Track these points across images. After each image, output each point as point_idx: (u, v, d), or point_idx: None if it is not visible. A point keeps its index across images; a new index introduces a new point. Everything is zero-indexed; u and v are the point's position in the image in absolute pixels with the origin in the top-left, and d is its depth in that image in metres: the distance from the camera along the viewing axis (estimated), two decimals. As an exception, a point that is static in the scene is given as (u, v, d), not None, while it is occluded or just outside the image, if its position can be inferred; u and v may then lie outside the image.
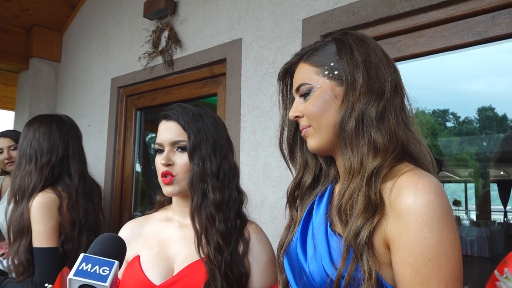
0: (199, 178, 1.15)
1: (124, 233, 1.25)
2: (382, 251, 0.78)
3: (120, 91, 3.09)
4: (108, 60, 3.22)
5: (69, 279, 0.73)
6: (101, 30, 3.34)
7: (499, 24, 1.49)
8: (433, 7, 1.61)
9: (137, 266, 1.14)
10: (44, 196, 1.79)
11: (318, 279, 0.80)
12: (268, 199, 2.04)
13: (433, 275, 0.72)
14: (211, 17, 2.45)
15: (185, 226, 1.21)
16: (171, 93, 2.72)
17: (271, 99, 2.07)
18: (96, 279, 0.73)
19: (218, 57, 2.36)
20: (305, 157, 1.01)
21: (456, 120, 3.27)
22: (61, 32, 3.73)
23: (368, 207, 0.78)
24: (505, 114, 3.05)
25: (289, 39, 2.03)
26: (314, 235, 0.87)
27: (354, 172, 0.82)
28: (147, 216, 1.30)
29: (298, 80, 0.94)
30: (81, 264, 0.75)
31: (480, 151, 3.45)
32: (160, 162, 1.17)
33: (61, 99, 3.66)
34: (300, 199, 1.01)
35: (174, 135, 1.18)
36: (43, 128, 1.91)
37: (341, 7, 1.84)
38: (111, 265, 0.76)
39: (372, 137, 0.82)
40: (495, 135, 3.37)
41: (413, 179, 0.77)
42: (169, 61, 2.61)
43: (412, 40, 1.70)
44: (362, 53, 0.89)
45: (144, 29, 2.79)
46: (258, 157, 2.11)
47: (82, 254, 0.78)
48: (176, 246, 1.17)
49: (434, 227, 0.73)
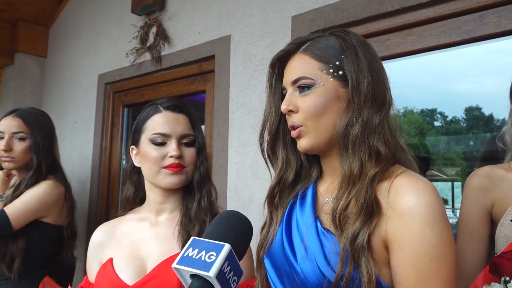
0: (207, 175, 1.18)
1: (96, 236, 1.22)
2: (380, 251, 0.78)
3: (107, 87, 3.04)
4: (96, 56, 3.17)
5: (173, 267, 0.63)
6: (88, 25, 3.29)
7: (487, 24, 1.50)
8: (422, 6, 1.61)
9: (109, 268, 1.11)
10: None
11: (313, 279, 0.78)
12: (256, 197, 2.02)
13: (435, 274, 0.73)
14: (200, 14, 2.42)
15: (157, 224, 1.18)
16: (159, 89, 2.69)
17: (260, 97, 2.06)
18: (199, 267, 0.61)
19: (206, 54, 2.34)
20: (287, 152, 0.97)
21: (444, 120, 3.30)
22: (48, 27, 3.66)
23: (366, 210, 0.77)
24: (492, 114, 3.10)
25: (278, 36, 2.01)
26: (301, 234, 0.85)
27: (354, 176, 0.81)
28: (120, 218, 1.26)
29: (298, 72, 0.89)
30: (187, 250, 0.64)
31: (467, 150, 3.48)
32: (169, 154, 1.13)
33: (47, 95, 3.60)
34: (280, 197, 0.97)
35: (184, 128, 1.15)
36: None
37: (331, 4, 1.83)
38: (219, 249, 0.62)
39: (374, 144, 0.82)
40: (482, 134, 3.41)
41: (411, 180, 0.78)
42: (157, 57, 2.58)
43: (401, 39, 1.70)
44: (366, 57, 0.87)
45: (132, 25, 2.75)
46: (246, 155, 2.09)
47: (192, 237, 0.68)
48: (149, 245, 1.14)
49: (436, 227, 0.73)
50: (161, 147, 1.14)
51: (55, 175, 1.99)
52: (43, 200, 1.85)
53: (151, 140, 1.15)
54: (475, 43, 1.58)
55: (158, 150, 1.13)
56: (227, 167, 2.13)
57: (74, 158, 3.14)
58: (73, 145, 3.20)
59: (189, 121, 1.18)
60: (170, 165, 1.12)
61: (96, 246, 1.20)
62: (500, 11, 1.47)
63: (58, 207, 1.94)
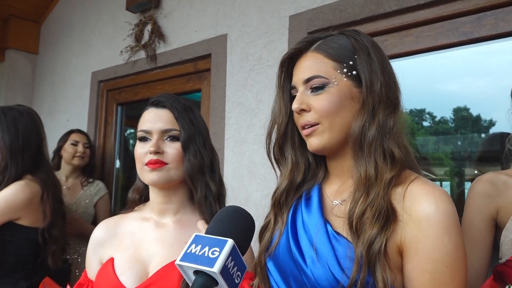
0: (199, 169, 1.11)
1: (98, 233, 1.18)
2: (395, 257, 0.77)
3: (101, 85, 3.01)
4: (89, 54, 3.14)
5: (177, 264, 0.63)
6: (81, 22, 3.25)
7: (484, 25, 1.51)
8: (420, 7, 1.62)
9: (110, 270, 1.08)
10: None
11: (325, 283, 0.78)
12: (252, 196, 2.02)
13: (450, 281, 0.73)
14: (196, 12, 2.41)
15: (162, 226, 1.14)
16: (154, 88, 2.67)
17: (257, 96, 2.06)
18: (203, 263, 0.60)
19: (202, 53, 2.33)
20: (296, 153, 0.95)
21: (432, 120, 3.33)
22: (39, 24, 3.61)
23: (383, 216, 0.77)
24: (479, 115, 3.15)
25: (275, 36, 2.01)
26: (310, 237, 0.84)
27: (370, 180, 0.80)
28: (122, 215, 1.22)
29: (311, 71, 0.87)
30: (190, 246, 0.63)
31: (455, 150, 3.53)
32: (149, 150, 1.09)
33: (39, 92, 3.55)
34: (285, 200, 0.95)
35: (165, 123, 1.12)
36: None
37: (328, 4, 1.83)
38: (222, 245, 0.62)
39: (389, 147, 0.82)
40: (470, 135, 3.46)
41: (428, 187, 0.78)
42: (152, 55, 2.56)
43: (399, 40, 1.71)
44: (378, 58, 0.86)
45: (127, 22, 2.73)
46: (242, 155, 2.08)
47: (194, 233, 0.66)
48: (152, 248, 1.11)
49: (452, 234, 0.74)
50: (145, 144, 1.11)
51: (34, 175, 1.87)
52: (10, 202, 1.74)
53: (138, 137, 1.14)
54: (472, 45, 1.59)
55: (142, 147, 1.12)
56: (223, 167, 2.12)
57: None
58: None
59: (173, 115, 1.13)
60: (149, 162, 1.09)
61: (96, 242, 1.17)
62: (498, 13, 1.49)
63: (31, 209, 1.81)
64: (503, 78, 2.69)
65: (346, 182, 0.89)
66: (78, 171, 2.58)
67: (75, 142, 2.55)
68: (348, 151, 0.88)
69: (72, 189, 2.52)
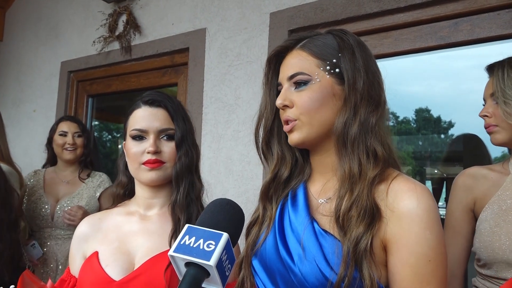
0: (188, 168, 1.12)
1: (81, 229, 1.18)
2: (379, 252, 0.79)
3: (71, 75, 2.91)
4: (58, 42, 3.02)
5: (169, 255, 0.62)
6: (50, 9, 3.12)
7: (461, 31, 1.56)
8: (400, 10, 1.65)
9: (95, 262, 1.07)
10: None
11: (313, 280, 0.79)
12: (229, 193, 2.01)
13: (433, 274, 0.75)
14: (174, 4, 2.36)
15: (146, 219, 1.15)
16: (128, 80, 2.60)
17: (235, 92, 2.04)
18: (199, 256, 0.61)
19: (180, 46, 2.29)
20: (282, 148, 0.97)
21: (395, 120, 3.45)
22: (4, 9, 3.45)
23: (368, 214, 0.78)
24: (440, 116, 3.29)
25: (255, 32, 2.00)
26: (297, 235, 0.85)
27: (354, 177, 0.82)
28: (107, 211, 1.22)
29: (295, 68, 0.89)
30: (183, 238, 0.63)
31: (417, 150, 3.67)
32: (147, 150, 1.10)
33: (2, 81, 3.39)
34: (274, 194, 0.96)
35: (162, 122, 1.12)
36: None
37: (310, 3, 1.84)
38: (217, 238, 0.62)
39: (372, 145, 0.84)
40: (431, 135, 3.62)
41: (409, 184, 0.81)
42: (126, 47, 2.50)
43: (378, 41, 1.74)
44: (362, 57, 0.88)
45: (100, 12, 2.64)
46: (219, 150, 2.07)
47: (186, 225, 0.66)
48: (137, 240, 1.11)
49: (434, 229, 0.76)
50: (140, 143, 1.12)
51: None
52: None
53: (131, 136, 1.14)
54: (448, 49, 1.64)
55: (137, 146, 1.12)
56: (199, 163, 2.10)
57: (33, 149, 2.98)
58: (32, 135, 3.04)
59: (169, 115, 1.15)
60: (147, 161, 1.11)
61: (80, 238, 1.16)
62: (474, 19, 1.54)
63: None
64: (462, 82, 2.81)
65: (331, 180, 0.91)
66: (75, 164, 2.29)
67: (63, 133, 2.23)
68: (331, 146, 0.90)
69: (72, 183, 2.27)
